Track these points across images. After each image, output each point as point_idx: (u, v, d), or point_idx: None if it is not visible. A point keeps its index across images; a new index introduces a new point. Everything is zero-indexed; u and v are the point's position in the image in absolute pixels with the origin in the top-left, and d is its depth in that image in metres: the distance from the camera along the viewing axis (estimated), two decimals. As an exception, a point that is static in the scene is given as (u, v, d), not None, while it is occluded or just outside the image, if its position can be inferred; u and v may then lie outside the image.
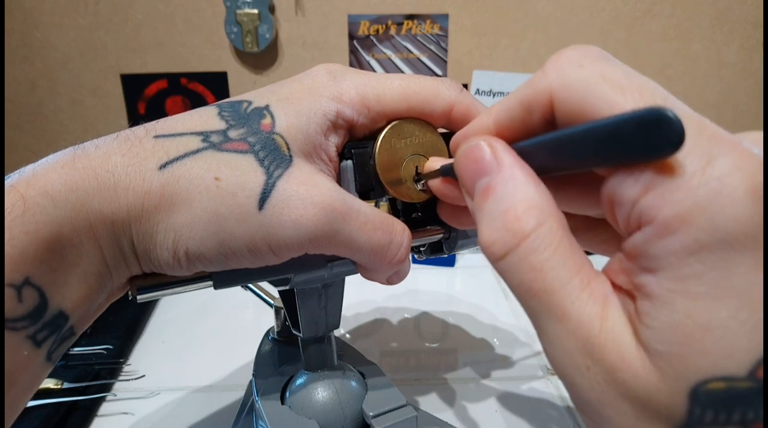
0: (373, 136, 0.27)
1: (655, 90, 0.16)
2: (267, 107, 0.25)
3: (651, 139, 0.13)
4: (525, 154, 0.18)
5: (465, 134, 0.22)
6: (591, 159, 0.15)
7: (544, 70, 0.18)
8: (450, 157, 0.28)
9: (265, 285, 0.44)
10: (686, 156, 0.14)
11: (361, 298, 0.57)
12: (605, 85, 0.16)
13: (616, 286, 0.16)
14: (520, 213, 0.16)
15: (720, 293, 0.13)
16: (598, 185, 0.17)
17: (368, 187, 0.27)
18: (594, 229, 0.23)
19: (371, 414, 0.30)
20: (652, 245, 0.14)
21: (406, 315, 0.54)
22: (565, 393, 0.42)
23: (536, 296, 0.16)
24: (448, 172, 0.24)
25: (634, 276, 0.15)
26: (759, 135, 0.17)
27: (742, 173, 0.13)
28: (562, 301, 0.16)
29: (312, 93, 0.25)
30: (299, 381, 0.32)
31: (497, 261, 0.17)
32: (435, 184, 0.25)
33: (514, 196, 0.17)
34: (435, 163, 0.27)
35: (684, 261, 0.14)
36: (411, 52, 0.79)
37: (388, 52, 0.79)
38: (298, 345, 0.33)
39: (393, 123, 0.27)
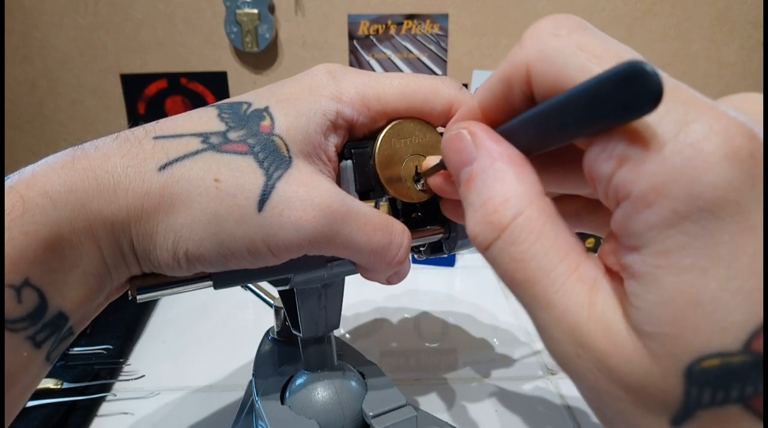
0: (373, 135, 0.27)
1: (634, 56, 0.15)
2: (266, 109, 0.25)
3: (629, 96, 0.12)
4: (510, 135, 0.17)
5: (454, 122, 0.21)
6: (573, 129, 0.15)
7: (521, 42, 0.17)
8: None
9: (265, 285, 0.44)
10: (659, 123, 0.13)
11: (361, 298, 0.57)
12: (582, 54, 0.15)
13: (608, 269, 0.16)
14: (498, 205, 0.16)
15: (707, 264, 0.13)
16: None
17: (368, 187, 0.27)
18: (597, 211, 0.23)
19: (371, 414, 0.30)
20: (631, 221, 0.14)
21: (406, 315, 0.54)
22: (565, 393, 0.42)
23: (521, 286, 0.16)
24: (444, 166, 0.24)
25: (620, 256, 0.15)
26: (738, 97, 0.16)
27: (719, 137, 0.13)
28: (545, 290, 0.15)
29: (312, 93, 0.25)
30: (299, 381, 0.32)
31: (483, 251, 0.17)
32: (434, 181, 0.25)
33: (492, 186, 0.17)
34: (431, 161, 0.26)
35: (665, 234, 0.13)
36: (411, 52, 0.79)
37: (388, 52, 0.79)
38: (298, 345, 0.33)
39: (393, 123, 0.26)
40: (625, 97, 0.12)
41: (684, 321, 0.13)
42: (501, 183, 0.16)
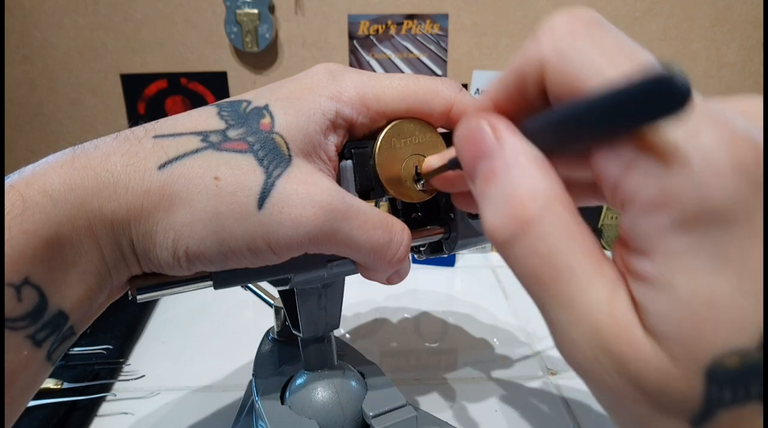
0: (373, 135, 0.27)
1: (649, 61, 0.15)
2: (266, 107, 0.25)
3: (657, 102, 0.12)
4: (528, 133, 0.17)
5: (465, 114, 0.21)
6: (594, 135, 0.15)
7: (536, 36, 0.17)
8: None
9: (265, 285, 0.44)
10: (670, 132, 0.13)
11: (361, 298, 0.57)
12: (597, 56, 0.15)
13: (621, 273, 0.16)
14: (524, 198, 0.16)
15: (720, 264, 0.13)
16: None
17: (368, 187, 0.27)
18: (597, 193, 0.23)
19: (371, 414, 0.30)
20: (640, 224, 0.14)
21: (406, 315, 0.54)
22: (565, 394, 0.42)
23: (543, 284, 0.16)
24: (455, 165, 0.23)
25: (629, 261, 0.15)
26: (743, 102, 0.16)
27: (727, 148, 0.13)
28: (569, 288, 0.15)
29: (311, 92, 0.25)
30: (299, 381, 0.32)
31: (502, 248, 0.16)
32: (437, 180, 0.25)
33: (518, 180, 0.16)
34: (431, 160, 0.26)
35: (676, 237, 0.13)
36: (411, 52, 0.79)
37: (388, 52, 0.79)
38: (298, 345, 0.33)
39: (393, 123, 0.26)
40: (653, 104, 0.13)
41: (701, 321, 0.13)
42: (527, 177, 0.16)
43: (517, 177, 0.16)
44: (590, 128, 0.15)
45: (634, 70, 0.14)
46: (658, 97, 0.12)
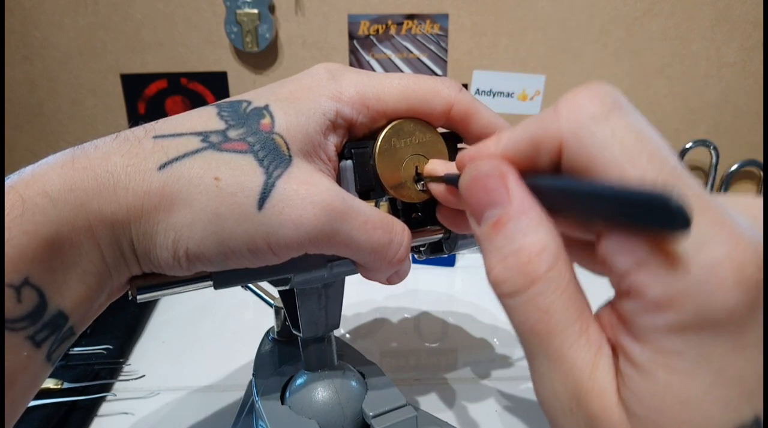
0: (373, 135, 0.27)
1: (666, 159, 0.15)
2: (266, 107, 0.25)
3: (658, 218, 0.13)
4: (532, 188, 0.18)
5: (472, 156, 0.21)
6: (598, 217, 0.15)
7: (556, 111, 0.17)
8: (450, 158, 0.28)
9: (265, 285, 0.44)
10: (683, 238, 0.14)
11: (361, 298, 0.57)
12: (617, 148, 0.15)
13: (607, 338, 0.16)
14: (533, 255, 0.16)
15: (698, 371, 0.14)
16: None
17: (368, 187, 0.27)
18: (588, 249, 0.23)
19: (371, 414, 0.30)
20: (639, 318, 0.15)
21: (406, 315, 0.54)
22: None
23: (537, 336, 0.16)
24: (452, 183, 0.23)
25: (620, 337, 0.16)
26: (749, 202, 0.17)
27: (733, 264, 0.14)
28: (561, 344, 0.16)
29: (311, 92, 0.25)
30: (299, 381, 0.32)
31: (505, 298, 0.17)
32: (436, 187, 0.25)
33: (527, 236, 0.17)
34: (435, 165, 0.26)
35: (667, 338, 0.14)
36: (411, 52, 0.79)
37: (388, 52, 0.79)
38: (298, 345, 0.33)
39: (393, 123, 0.26)
40: (654, 218, 0.13)
41: (670, 415, 0.14)
42: (535, 233, 0.17)
43: (526, 232, 0.17)
44: (595, 212, 0.15)
45: (652, 172, 0.15)
46: (664, 214, 0.13)
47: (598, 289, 0.19)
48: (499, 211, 0.17)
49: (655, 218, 0.13)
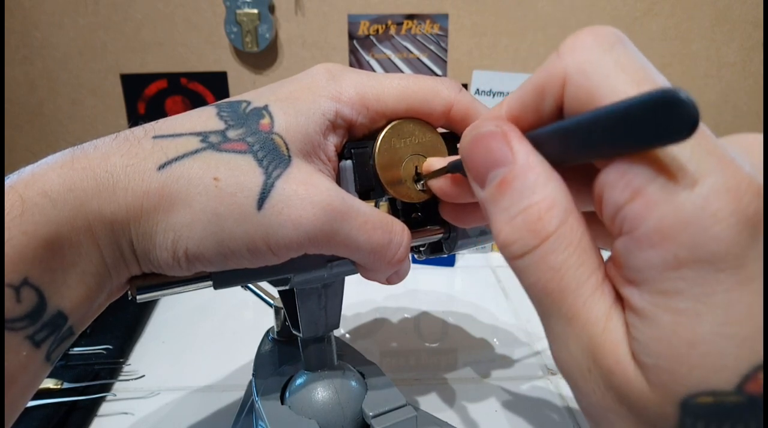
0: (373, 135, 0.27)
1: (668, 84, 0.15)
2: (266, 107, 0.25)
3: (665, 122, 0.13)
4: (535, 144, 0.17)
5: (476, 125, 0.21)
6: (601, 148, 0.15)
7: (559, 52, 0.17)
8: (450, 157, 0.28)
9: (265, 285, 0.44)
10: (680, 168, 0.14)
11: (361, 298, 0.57)
12: (621, 75, 0.15)
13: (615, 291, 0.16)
14: (542, 212, 0.16)
15: (703, 309, 0.13)
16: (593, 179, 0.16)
17: (368, 187, 0.27)
18: (589, 224, 0.23)
19: (371, 414, 0.30)
20: (633, 255, 0.14)
21: (406, 315, 0.54)
22: (565, 393, 0.42)
23: (550, 295, 0.16)
24: (456, 168, 0.23)
25: (620, 287, 0.15)
26: (749, 140, 0.16)
27: (730, 195, 0.13)
28: (574, 301, 0.15)
29: (311, 92, 0.25)
30: (299, 381, 0.32)
31: (515, 259, 0.17)
32: (436, 183, 0.25)
33: (534, 192, 0.16)
34: (433, 162, 0.26)
35: (664, 276, 0.14)
36: (411, 52, 0.79)
37: (388, 52, 0.79)
38: (298, 345, 0.33)
39: (393, 123, 0.26)
40: (660, 123, 0.13)
41: (679, 358, 0.14)
42: (543, 189, 0.16)
43: (534, 188, 0.16)
44: (598, 141, 0.15)
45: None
46: (667, 116, 0.12)
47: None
48: (503, 170, 0.17)
49: (662, 121, 0.13)
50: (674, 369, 0.14)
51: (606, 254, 0.18)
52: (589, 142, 0.15)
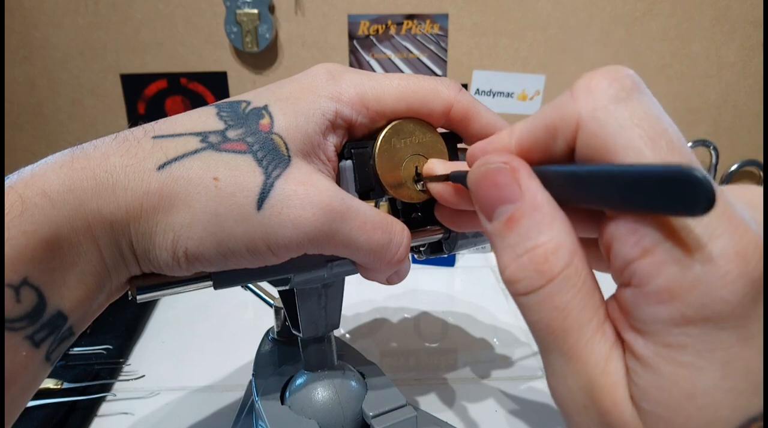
0: (372, 135, 0.27)
1: (683, 148, 0.15)
2: (265, 107, 0.25)
3: (681, 197, 0.13)
4: (544, 179, 0.17)
5: (483, 149, 0.21)
6: (613, 201, 0.15)
7: (573, 94, 0.17)
8: (450, 158, 0.28)
9: (265, 285, 0.44)
10: (690, 229, 0.14)
11: (361, 298, 0.57)
12: (636, 131, 0.15)
13: (617, 333, 0.16)
14: (549, 253, 0.16)
15: (704, 363, 0.14)
16: (598, 214, 0.16)
17: (368, 187, 0.27)
18: (587, 248, 0.23)
19: (371, 414, 0.30)
20: (640, 309, 0.15)
21: (406, 315, 0.54)
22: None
23: (553, 334, 0.16)
24: (458, 180, 0.23)
25: (623, 331, 0.16)
26: (751, 194, 0.17)
27: (739, 258, 0.14)
28: (576, 342, 0.16)
29: (311, 92, 0.25)
30: (299, 381, 0.32)
31: (519, 296, 0.17)
32: (436, 187, 0.25)
33: (541, 232, 0.16)
34: (435, 164, 0.26)
35: (671, 331, 0.14)
36: (411, 52, 0.79)
37: (388, 52, 0.79)
38: (298, 345, 0.33)
39: (393, 123, 0.26)
40: (676, 198, 0.13)
41: (678, 409, 0.14)
42: (550, 230, 0.16)
43: (541, 229, 0.16)
44: (610, 196, 0.15)
45: (671, 157, 0.14)
46: (683, 192, 0.13)
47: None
48: (511, 208, 0.17)
49: (676, 196, 0.13)
50: (672, 418, 0.14)
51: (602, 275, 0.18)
52: (600, 194, 0.15)
